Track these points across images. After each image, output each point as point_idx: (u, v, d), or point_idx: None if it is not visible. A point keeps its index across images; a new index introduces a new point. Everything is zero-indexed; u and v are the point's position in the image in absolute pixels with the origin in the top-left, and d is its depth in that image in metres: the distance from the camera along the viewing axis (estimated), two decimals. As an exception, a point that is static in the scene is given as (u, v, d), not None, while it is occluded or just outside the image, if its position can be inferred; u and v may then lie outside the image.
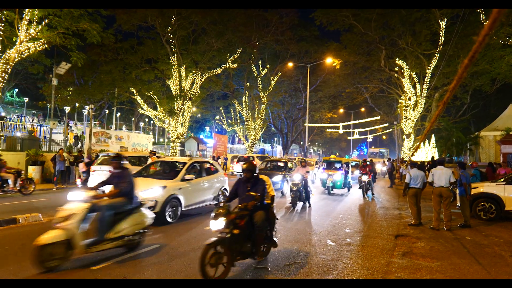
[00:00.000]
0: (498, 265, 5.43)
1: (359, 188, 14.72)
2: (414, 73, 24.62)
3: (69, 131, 23.87)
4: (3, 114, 33.98)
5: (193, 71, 22.49)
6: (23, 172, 12.73)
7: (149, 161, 12.11)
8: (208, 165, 9.90)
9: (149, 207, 6.54)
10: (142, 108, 23.39)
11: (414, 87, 24.88)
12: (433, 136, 31.06)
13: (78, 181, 12.85)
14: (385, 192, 16.42)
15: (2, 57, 12.81)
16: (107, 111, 41.89)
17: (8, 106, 43.12)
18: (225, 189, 9.83)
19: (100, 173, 11.50)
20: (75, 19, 13.88)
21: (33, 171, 14.84)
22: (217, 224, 4.35)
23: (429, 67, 23.50)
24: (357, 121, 41.85)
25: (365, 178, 13.91)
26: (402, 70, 24.63)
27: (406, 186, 8.55)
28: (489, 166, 13.67)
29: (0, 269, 4.56)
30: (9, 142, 17.62)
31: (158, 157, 13.03)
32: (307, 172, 11.07)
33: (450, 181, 7.94)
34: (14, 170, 11.35)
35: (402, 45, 23.98)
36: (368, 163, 15.68)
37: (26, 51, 13.42)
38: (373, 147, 51.14)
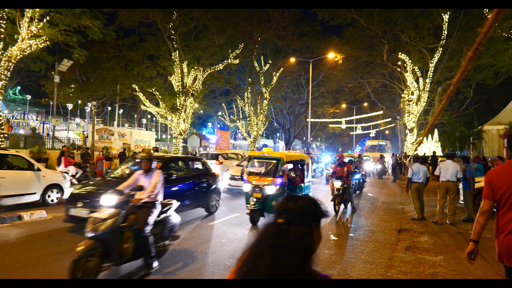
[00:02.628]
0: (501, 259, 5.42)
1: (331, 200, 9.02)
2: (417, 67, 24.46)
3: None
4: (6, 111, 34.12)
5: (195, 67, 22.46)
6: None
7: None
8: None
9: None
10: (144, 105, 23.41)
11: (417, 81, 24.74)
12: (436, 130, 30.92)
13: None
14: (387, 187, 16.40)
15: (4, 54, 12.83)
16: (109, 108, 42.00)
17: (11, 103, 43.27)
18: None
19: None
20: (76, 16, 13.87)
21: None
22: None
23: (432, 61, 23.33)
24: (359, 116, 41.76)
25: (338, 184, 8.88)
26: (405, 64, 24.48)
27: (409, 181, 8.54)
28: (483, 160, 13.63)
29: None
30: (13, 140, 17.74)
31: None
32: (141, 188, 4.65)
33: (458, 176, 7.90)
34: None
35: (405, 39, 23.80)
36: (349, 160, 11.92)
37: (28, 48, 13.43)
38: (371, 139, 44.16)
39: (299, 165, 8.76)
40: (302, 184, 8.48)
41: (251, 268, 1.19)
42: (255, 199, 7.33)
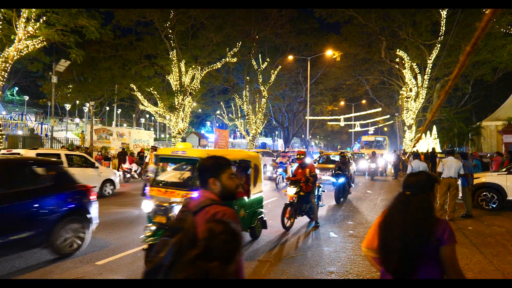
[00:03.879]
0: (500, 254, 5.44)
1: (284, 224, 6.68)
2: (415, 64, 24.46)
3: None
4: (3, 113, 34.03)
5: (193, 66, 22.42)
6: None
7: (148, 157, 12.11)
8: None
9: None
10: (142, 104, 23.37)
11: (415, 78, 24.75)
12: (434, 127, 30.97)
13: None
14: (389, 184, 16.42)
15: (1, 55, 12.78)
16: (107, 108, 41.90)
17: (9, 104, 43.14)
18: None
19: None
20: (73, 16, 13.80)
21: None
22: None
23: (430, 58, 23.34)
24: (358, 114, 41.73)
25: (291, 191, 6.87)
26: (403, 61, 24.47)
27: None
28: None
29: (5, 266, 4.52)
30: (11, 141, 17.71)
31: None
32: None
33: (460, 173, 7.89)
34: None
35: (403, 36, 23.80)
36: (312, 160, 10.42)
37: (25, 49, 13.38)
38: (367, 135, 39.76)
39: (242, 170, 6.00)
40: (245, 198, 5.67)
41: (389, 220, 1.91)
42: (153, 228, 4.49)
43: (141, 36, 22.78)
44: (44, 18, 13.19)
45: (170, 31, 20.56)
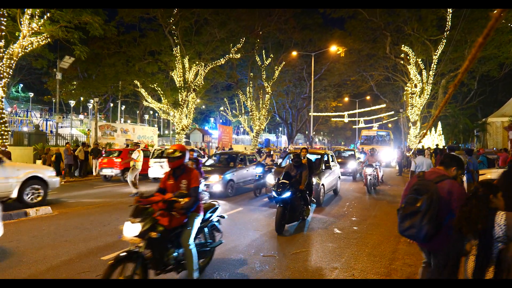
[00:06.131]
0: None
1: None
2: (420, 60, 24.24)
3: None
4: (9, 109, 34.26)
5: (197, 62, 22.39)
6: None
7: (137, 155, 10.37)
8: None
9: None
10: (146, 101, 23.41)
11: (420, 74, 24.54)
12: (439, 123, 30.76)
13: None
14: (392, 180, 16.36)
15: (6, 52, 12.84)
16: (111, 105, 42.05)
17: (14, 101, 43.39)
18: None
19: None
20: (77, 12, 13.81)
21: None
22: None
23: (436, 53, 23.09)
24: (362, 110, 41.57)
25: (130, 231, 3.14)
26: (408, 57, 24.26)
27: (412, 174, 8.52)
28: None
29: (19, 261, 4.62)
30: (17, 137, 17.84)
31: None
32: None
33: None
34: None
35: (408, 31, 23.57)
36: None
37: (30, 45, 13.43)
38: (368, 130, 35.21)
39: None
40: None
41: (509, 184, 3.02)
42: None
43: (145, 33, 22.77)
44: (48, 14, 13.23)
45: (174, 27, 20.52)
